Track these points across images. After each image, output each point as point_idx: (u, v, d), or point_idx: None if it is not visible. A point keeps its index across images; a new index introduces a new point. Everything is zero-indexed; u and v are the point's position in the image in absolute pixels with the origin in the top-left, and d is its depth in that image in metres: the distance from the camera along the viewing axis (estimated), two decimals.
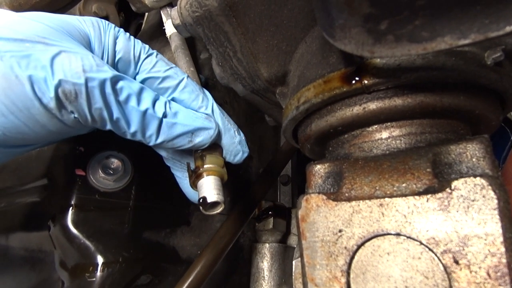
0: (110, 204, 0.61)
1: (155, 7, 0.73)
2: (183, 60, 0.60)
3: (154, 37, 0.92)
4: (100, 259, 0.57)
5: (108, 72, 0.41)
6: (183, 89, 0.50)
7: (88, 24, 0.47)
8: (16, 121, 0.38)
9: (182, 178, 0.56)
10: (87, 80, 0.39)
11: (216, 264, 0.64)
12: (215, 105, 0.52)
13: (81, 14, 1.04)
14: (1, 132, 0.38)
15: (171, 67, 0.51)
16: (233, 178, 0.83)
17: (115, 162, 0.61)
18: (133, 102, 0.43)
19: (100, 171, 0.60)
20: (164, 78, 0.50)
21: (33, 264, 0.65)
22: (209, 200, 0.46)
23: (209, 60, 0.77)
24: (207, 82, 0.78)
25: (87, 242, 0.57)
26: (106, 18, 1.09)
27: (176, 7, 0.50)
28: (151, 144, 0.46)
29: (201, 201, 0.47)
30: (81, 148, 0.61)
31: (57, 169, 0.63)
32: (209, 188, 0.47)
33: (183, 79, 0.51)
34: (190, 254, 0.70)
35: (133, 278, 0.61)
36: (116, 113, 0.42)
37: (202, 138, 0.48)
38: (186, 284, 0.60)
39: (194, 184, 0.49)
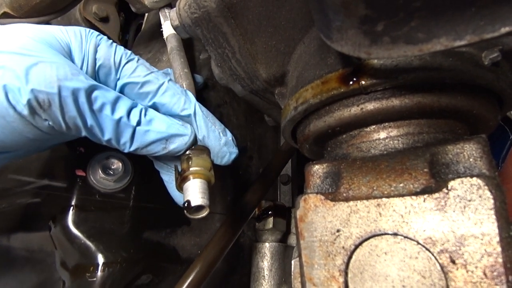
0: (111, 205, 0.61)
1: (154, 8, 0.73)
2: (178, 61, 0.60)
3: (154, 37, 0.93)
4: (100, 259, 0.57)
5: (83, 82, 0.42)
6: (164, 93, 0.51)
7: (70, 33, 0.48)
8: None
9: (169, 182, 0.56)
10: (60, 89, 0.40)
11: (216, 263, 0.64)
12: (197, 107, 0.52)
13: (81, 16, 1.05)
14: None
15: (152, 72, 0.51)
16: (233, 178, 0.83)
17: (115, 163, 0.62)
18: (107, 110, 0.44)
19: (100, 171, 0.60)
20: (144, 83, 0.50)
21: (34, 264, 0.66)
22: (193, 203, 0.45)
23: (209, 60, 0.77)
24: (206, 83, 0.78)
25: (88, 242, 0.58)
26: (106, 18, 1.10)
27: (175, 8, 0.51)
28: (125, 151, 0.47)
29: (185, 204, 0.46)
30: (81, 148, 0.62)
31: (57, 169, 0.63)
32: (195, 192, 0.46)
33: (163, 83, 0.51)
34: (190, 254, 0.70)
35: (134, 278, 0.61)
36: (90, 121, 0.43)
37: (176, 145, 0.49)
38: (186, 284, 0.60)
39: (180, 187, 0.48)
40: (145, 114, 0.47)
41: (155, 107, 0.51)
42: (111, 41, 0.51)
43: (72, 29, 0.49)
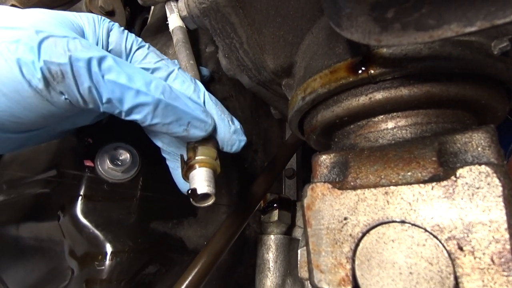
0: (118, 195, 0.62)
1: (161, 0, 0.73)
2: (184, 53, 0.61)
3: (160, 31, 0.93)
4: (109, 248, 0.58)
5: (94, 52, 0.41)
6: (174, 80, 0.51)
7: (83, 18, 0.49)
8: (8, 103, 0.39)
9: (175, 169, 0.56)
10: (71, 60, 0.39)
11: (222, 255, 0.65)
12: (207, 95, 0.52)
13: (87, 9, 1.05)
14: None
15: (162, 59, 0.52)
16: (239, 171, 0.83)
17: (123, 153, 0.62)
18: (123, 80, 0.42)
19: (108, 162, 0.61)
20: (154, 69, 0.50)
21: (44, 253, 0.67)
22: (199, 191, 0.45)
23: (215, 53, 0.77)
24: (213, 76, 0.78)
25: (96, 232, 0.58)
26: (112, 12, 1.10)
27: None
28: (145, 124, 0.45)
29: (191, 192, 0.46)
30: (89, 139, 0.62)
31: (66, 160, 0.64)
32: (200, 180, 0.46)
33: (173, 70, 0.51)
34: (196, 245, 0.71)
35: (141, 267, 0.62)
36: (105, 93, 0.42)
37: (197, 130, 0.48)
38: (192, 274, 0.61)
39: (185, 175, 0.48)
40: (170, 90, 0.46)
41: None
42: (122, 28, 0.52)
43: (84, 14, 0.49)
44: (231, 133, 0.52)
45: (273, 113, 0.74)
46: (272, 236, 0.78)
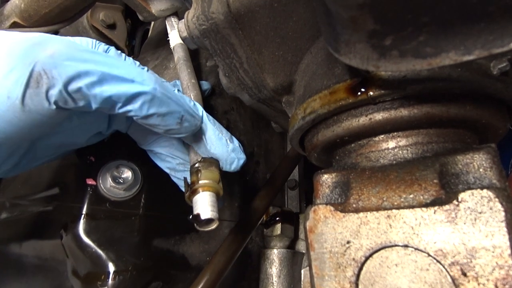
0: (121, 213, 0.62)
1: (161, 16, 0.74)
2: (185, 72, 0.61)
3: (161, 44, 0.94)
4: (111, 267, 0.58)
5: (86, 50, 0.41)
6: None
7: (77, 42, 0.49)
8: None
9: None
10: (54, 59, 0.38)
11: (225, 271, 0.65)
12: (205, 116, 0.53)
13: (89, 23, 1.06)
14: None
15: (162, 81, 0.52)
16: (240, 184, 0.83)
17: (125, 171, 0.62)
18: (115, 71, 0.41)
19: (110, 180, 0.61)
20: None
21: (46, 272, 0.67)
22: (203, 217, 0.46)
23: (215, 67, 0.77)
24: (214, 89, 0.78)
25: (99, 251, 0.58)
26: (113, 25, 1.11)
27: (183, 20, 0.51)
28: (141, 114, 0.45)
29: (195, 217, 0.46)
30: (91, 157, 0.63)
31: (68, 178, 0.64)
32: (204, 205, 0.46)
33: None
34: (199, 261, 0.70)
35: (144, 286, 0.61)
36: (98, 85, 0.40)
37: (188, 124, 0.48)
38: None
39: (189, 199, 0.49)
40: (162, 82, 0.46)
41: None
42: (119, 51, 0.52)
43: (79, 39, 0.49)
44: (229, 152, 0.52)
45: (274, 127, 0.74)
46: (275, 251, 0.77)
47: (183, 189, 0.56)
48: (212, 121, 0.53)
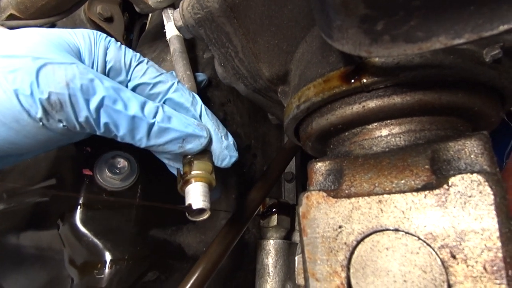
0: (117, 203, 0.62)
1: (158, 8, 0.74)
2: (180, 63, 0.61)
3: (158, 37, 0.94)
4: (108, 256, 0.58)
5: (94, 80, 0.42)
6: (173, 93, 0.52)
7: (78, 36, 0.49)
8: (7, 132, 0.40)
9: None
10: (69, 89, 0.40)
11: (221, 260, 0.65)
12: (203, 108, 0.53)
13: (86, 16, 1.06)
14: None
15: (161, 73, 0.53)
16: (237, 176, 0.84)
17: (121, 162, 0.63)
18: (119, 106, 0.43)
19: (107, 170, 0.61)
20: (154, 84, 0.51)
21: (44, 262, 0.67)
22: (194, 206, 0.46)
23: (212, 59, 0.77)
24: (210, 81, 0.78)
25: (95, 240, 0.59)
26: (110, 18, 1.11)
27: (178, 9, 0.51)
28: (142, 146, 0.47)
29: (186, 207, 0.47)
30: (88, 148, 0.63)
31: (65, 169, 0.64)
32: (196, 195, 0.47)
33: (173, 84, 0.52)
34: (196, 251, 0.71)
35: (141, 275, 0.62)
36: (103, 119, 0.43)
37: (192, 145, 0.49)
38: (192, 280, 0.61)
39: (181, 190, 0.49)
40: (163, 111, 0.47)
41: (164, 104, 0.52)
42: (119, 43, 0.52)
43: (80, 31, 0.49)
44: (222, 148, 0.52)
45: (270, 119, 0.74)
46: (271, 241, 0.78)
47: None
48: (211, 116, 0.54)
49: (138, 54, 0.52)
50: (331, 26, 0.33)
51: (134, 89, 0.51)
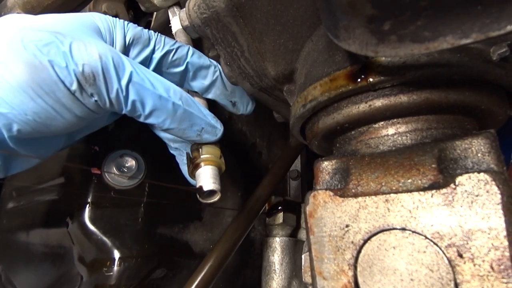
0: (125, 201, 0.63)
1: (163, 7, 0.74)
2: None
3: (163, 35, 0.94)
4: (116, 254, 0.59)
5: (122, 57, 0.44)
6: (193, 55, 0.56)
7: (97, 18, 0.51)
8: (44, 105, 0.41)
9: (183, 164, 0.59)
10: (102, 63, 0.42)
11: (228, 258, 0.66)
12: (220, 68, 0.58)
13: None
14: (32, 118, 0.41)
15: (176, 41, 0.57)
16: (243, 174, 0.84)
17: (129, 161, 0.63)
18: (147, 84, 0.45)
19: (114, 169, 0.62)
20: (176, 49, 0.55)
21: (53, 259, 0.68)
22: (205, 188, 0.48)
23: (217, 58, 0.78)
24: None
25: (104, 238, 0.60)
26: (115, 16, 1.11)
27: (184, 8, 0.52)
28: (164, 127, 0.49)
29: (197, 189, 0.48)
30: (96, 147, 0.64)
31: (73, 168, 0.65)
32: (206, 177, 0.48)
33: (189, 47, 0.57)
34: (203, 249, 0.72)
35: (149, 272, 0.63)
36: (131, 96, 0.44)
37: (209, 136, 0.51)
38: (199, 277, 0.62)
39: (192, 174, 0.51)
40: (187, 96, 0.49)
41: (187, 69, 0.56)
42: (136, 24, 0.54)
43: (98, 14, 0.52)
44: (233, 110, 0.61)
45: (276, 117, 0.74)
46: (277, 239, 0.78)
47: (179, 162, 0.58)
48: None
49: (152, 32, 0.55)
50: (337, 26, 0.33)
51: (160, 60, 0.53)
